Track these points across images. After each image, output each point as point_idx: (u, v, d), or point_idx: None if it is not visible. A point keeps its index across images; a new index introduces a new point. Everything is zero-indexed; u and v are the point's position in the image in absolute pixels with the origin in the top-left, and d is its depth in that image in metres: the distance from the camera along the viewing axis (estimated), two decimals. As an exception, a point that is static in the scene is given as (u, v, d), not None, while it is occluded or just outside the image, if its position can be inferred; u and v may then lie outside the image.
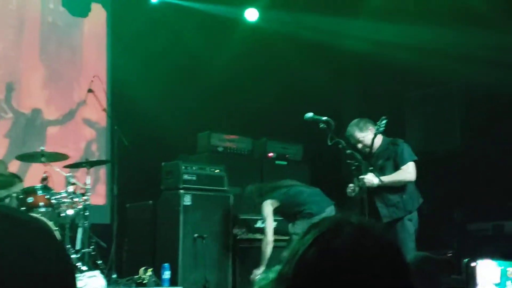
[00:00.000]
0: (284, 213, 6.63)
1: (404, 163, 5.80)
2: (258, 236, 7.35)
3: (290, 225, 6.53)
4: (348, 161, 5.67)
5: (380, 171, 5.80)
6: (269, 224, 6.52)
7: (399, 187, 5.79)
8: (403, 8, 8.54)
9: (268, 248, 6.45)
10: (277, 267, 1.21)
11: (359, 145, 5.90)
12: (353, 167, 5.64)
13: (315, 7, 8.95)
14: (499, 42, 7.70)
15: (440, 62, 8.30)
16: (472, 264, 2.58)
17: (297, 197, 6.53)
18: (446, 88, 8.91)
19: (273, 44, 9.28)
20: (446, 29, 8.08)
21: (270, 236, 6.48)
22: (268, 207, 6.53)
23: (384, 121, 5.55)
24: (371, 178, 5.61)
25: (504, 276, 2.57)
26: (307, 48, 9.10)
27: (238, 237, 7.20)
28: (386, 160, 5.88)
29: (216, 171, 7.36)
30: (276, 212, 6.57)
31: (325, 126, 5.58)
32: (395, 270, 1.09)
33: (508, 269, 2.58)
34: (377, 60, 8.59)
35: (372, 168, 5.75)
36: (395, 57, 8.40)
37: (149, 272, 6.34)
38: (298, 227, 6.26)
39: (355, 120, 6.02)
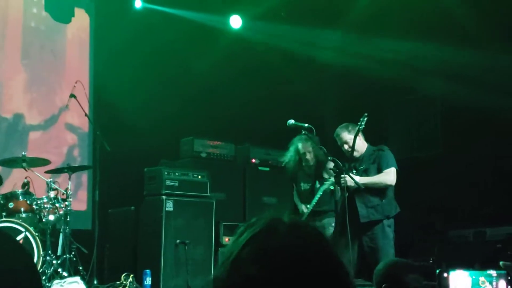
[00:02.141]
0: None
1: (387, 167, 5.89)
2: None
3: None
4: (330, 167, 5.72)
5: (364, 174, 5.88)
6: None
7: (380, 191, 5.86)
8: (385, 22, 8.64)
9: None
10: None
11: (345, 146, 5.96)
12: (335, 173, 5.70)
13: (296, 18, 9.02)
14: (480, 61, 7.85)
15: (421, 76, 8.47)
16: (445, 275, 2.62)
17: None
18: (428, 96, 9.01)
19: (256, 51, 9.32)
20: (428, 44, 8.22)
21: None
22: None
23: (365, 118, 5.63)
24: (349, 179, 5.65)
25: (476, 285, 2.61)
26: (289, 57, 9.17)
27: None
28: (371, 164, 5.96)
29: (199, 177, 7.35)
30: None
31: (307, 132, 5.62)
32: (330, 269, 1.10)
33: (480, 278, 2.62)
34: (359, 71, 8.71)
35: (355, 171, 5.81)
36: (376, 68, 8.53)
37: (131, 279, 6.32)
38: None
39: (345, 123, 6.09)
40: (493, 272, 2.63)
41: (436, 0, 8.08)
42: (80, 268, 6.46)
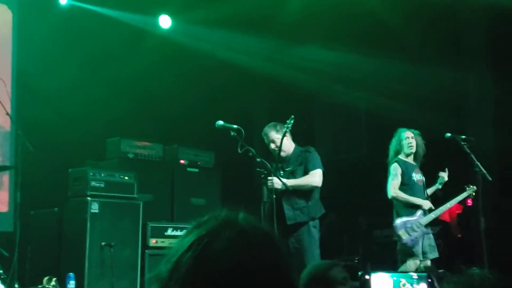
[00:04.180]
0: None
1: (313, 168, 5.98)
2: (167, 243, 7.29)
3: None
4: (258, 169, 5.74)
5: (291, 175, 5.93)
6: None
7: (306, 193, 5.94)
8: (316, 31, 8.77)
9: None
10: None
11: (272, 145, 6.02)
12: (263, 175, 5.72)
13: (226, 24, 9.02)
14: (408, 74, 8.09)
15: (347, 84, 8.66)
16: (366, 277, 2.68)
17: None
18: (354, 102, 9.22)
19: (185, 52, 9.26)
20: (353, 55, 8.42)
21: None
22: None
23: (292, 120, 5.70)
24: (277, 181, 5.70)
25: (397, 287, 2.68)
26: (219, 60, 9.18)
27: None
28: (298, 165, 6.03)
29: (126, 178, 7.24)
30: None
31: (235, 134, 5.63)
32: (276, 278, 1.06)
33: (401, 280, 2.69)
34: (287, 77, 8.83)
35: (282, 172, 5.86)
36: (305, 77, 8.68)
37: (53, 282, 6.15)
38: None
39: (273, 123, 6.15)
40: (414, 274, 2.70)
41: (371, 13, 8.23)
42: (1, 271, 6.25)
